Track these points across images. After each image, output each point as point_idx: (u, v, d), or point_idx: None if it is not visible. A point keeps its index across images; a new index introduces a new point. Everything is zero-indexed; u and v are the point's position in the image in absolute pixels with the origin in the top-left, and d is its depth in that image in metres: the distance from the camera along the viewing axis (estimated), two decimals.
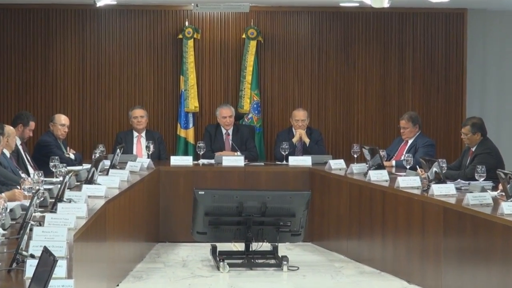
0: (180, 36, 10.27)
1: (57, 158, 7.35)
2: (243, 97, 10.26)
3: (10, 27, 10.23)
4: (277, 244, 7.80)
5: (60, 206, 5.33)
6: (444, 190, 6.65)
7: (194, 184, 8.32)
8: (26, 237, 4.12)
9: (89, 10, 10.25)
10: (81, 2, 10.04)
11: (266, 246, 7.85)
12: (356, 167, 8.31)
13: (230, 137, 9.61)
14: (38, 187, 5.67)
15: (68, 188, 5.98)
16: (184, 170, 8.90)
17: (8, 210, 5.19)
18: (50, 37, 10.26)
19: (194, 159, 9.16)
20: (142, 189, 7.95)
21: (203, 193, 7.55)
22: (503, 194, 6.32)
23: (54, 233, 4.41)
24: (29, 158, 8.21)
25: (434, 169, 6.85)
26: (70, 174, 6.21)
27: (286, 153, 9.02)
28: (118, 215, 6.70)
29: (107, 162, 7.98)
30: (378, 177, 7.73)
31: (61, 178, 6.60)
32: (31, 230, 4.39)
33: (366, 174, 7.94)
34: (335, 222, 8.46)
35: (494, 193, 6.54)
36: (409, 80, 10.59)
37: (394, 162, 8.75)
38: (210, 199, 7.53)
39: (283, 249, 8.19)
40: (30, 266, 3.73)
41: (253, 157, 9.46)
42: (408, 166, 7.91)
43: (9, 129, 7.50)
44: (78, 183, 6.87)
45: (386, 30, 10.55)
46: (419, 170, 7.64)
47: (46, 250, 3.42)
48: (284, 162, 9.07)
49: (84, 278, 5.04)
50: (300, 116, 9.58)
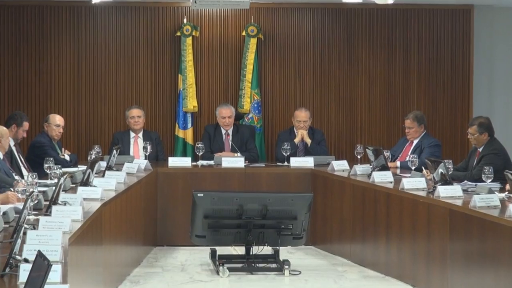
0: (178, 33, 10.27)
1: (51, 159, 7.35)
2: (243, 96, 10.26)
3: (3, 25, 10.22)
4: (278, 247, 7.80)
5: (54, 209, 5.33)
6: (450, 192, 6.65)
7: (193, 186, 8.33)
8: (19, 241, 4.12)
9: (84, 7, 10.26)
10: None
11: (267, 250, 7.86)
12: (359, 168, 8.31)
13: (230, 137, 9.61)
14: (32, 189, 5.67)
15: (63, 190, 5.97)
16: (182, 172, 8.90)
17: (1, 213, 5.20)
18: (44, 34, 10.26)
19: (193, 160, 9.17)
20: (139, 191, 7.95)
21: (202, 195, 7.55)
22: (511, 195, 6.33)
23: (48, 236, 4.41)
24: (22, 159, 8.21)
25: (440, 170, 6.85)
26: (65, 176, 6.21)
27: (288, 154, 9.03)
28: (115, 218, 6.70)
29: (103, 164, 7.98)
30: (382, 178, 7.73)
31: (55, 180, 6.61)
32: (25, 233, 4.39)
33: (370, 175, 7.95)
34: (338, 225, 8.46)
35: (502, 194, 6.54)
36: (414, 78, 10.59)
37: (398, 163, 8.75)
38: (210, 202, 7.53)
39: (285, 253, 8.20)
40: (24, 271, 3.73)
41: (253, 158, 9.46)
42: (413, 167, 7.92)
43: (2, 129, 7.52)
44: (73, 185, 6.87)
45: (390, 28, 10.55)
46: (425, 171, 7.64)
47: (40, 254, 3.42)
48: (285, 163, 9.08)
49: (79, 283, 5.04)
50: (302, 117, 9.58)
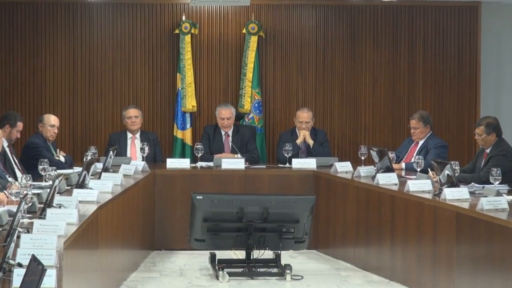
0: (176, 31, 10.28)
1: (46, 161, 7.35)
2: (244, 96, 10.27)
3: None
4: (279, 251, 7.80)
5: (49, 212, 5.33)
6: (457, 195, 6.65)
7: (192, 188, 8.34)
8: (13, 244, 4.12)
9: (80, 4, 10.27)
10: None
11: (268, 254, 7.86)
12: (363, 170, 8.31)
13: (230, 138, 9.61)
14: (26, 192, 5.67)
15: (58, 192, 5.98)
16: (181, 174, 8.91)
17: None
18: (39, 32, 10.27)
19: (192, 162, 9.17)
20: (137, 193, 7.96)
21: (201, 197, 7.55)
22: None
23: (43, 240, 4.41)
24: (16, 161, 8.22)
25: (446, 172, 6.85)
26: (60, 178, 6.21)
27: (289, 155, 9.03)
28: (111, 221, 6.71)
29: (99, 165, 7.99)
30: (387, 180, 7.74)
31: (50, 182, 6.60)
32: (19, 237, 4.39)
33: (374, 177, 7.95)
34: (341, 228, 8.47)
35: (510, 197, 6.54)
36: (419, 77, 10.59)
37: (403, 165, 8.76)
38: (209, 204, 7.53)
39: (286, 257, 8.20)
40: (18, 276, 3.73)
41: (254, 159, 9.47)
42: (418, 169, 7.92)
43: None
44: (69, 188, 6.88)
45: (395, 25, 10.56)
46: (431, 173, 7.64)
47: (34, 259, 3.43)
48: (287, 164, 9.08)
49: None
50: (304, 117, 9.58)
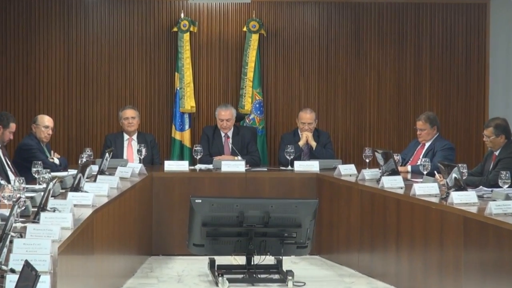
0: (175, 29, 10.28)
1: (40, 163, 7.35)
2: (244, 96, 10.27)
3: None
4: (281, 257, 7.79)
5: (43, 215, 5.33)
6: (464, 198, 6.64)
7: (191, 191, 8.33)
8: (5, 250, 4.12)
9: (75, 1, 10.27)
10: None
11: (269, 260, 7.85)
12: (368, 173, 8.31)
13: (230, 140, 9.61)
14: (19, 195, 5.66)
15: (52, 196, 5.98)
16: (179, 176, 8.90)
17: None
18: (32, 29, 10.27)
19: (191, 164, 9.17)
20: (133, 197, 7.95)
21: (201, 201, 7.55)
22: None
23: (36, 245, 4.41)
24: (9, 163, 8.21)
25: (454, 175, 6.85)
26: (55, 180, 6.20)
27: (292, 157, 9.03)
28: (107, 226, 6.70)
29: (95, 168, 7.98)
30: (392, 183, 7.73)
31: (44, 185, 6.60)
32: (11, 242, 4.39)
33: (379, 180, 7.94)
34: (345, 233, 8.46)
35: None
36: (426, 77, 10.59)
37: (409, 167, 8.76)
38: (208, 208, 7.53)
39: (288, 262, 8.19)
40: (10, 282, 3.73)
41: (255, 161, 9.47)
42: (425, 172, 7.91)
43: None
44: (63, 191, 6.87)
45: (401, 22, 10.56)
46: (437, 176, 7.64)
47: (27, 264, 3.42)
48: (289, 167, 9.07)
49: None
50: (307, 119, 9.58)
